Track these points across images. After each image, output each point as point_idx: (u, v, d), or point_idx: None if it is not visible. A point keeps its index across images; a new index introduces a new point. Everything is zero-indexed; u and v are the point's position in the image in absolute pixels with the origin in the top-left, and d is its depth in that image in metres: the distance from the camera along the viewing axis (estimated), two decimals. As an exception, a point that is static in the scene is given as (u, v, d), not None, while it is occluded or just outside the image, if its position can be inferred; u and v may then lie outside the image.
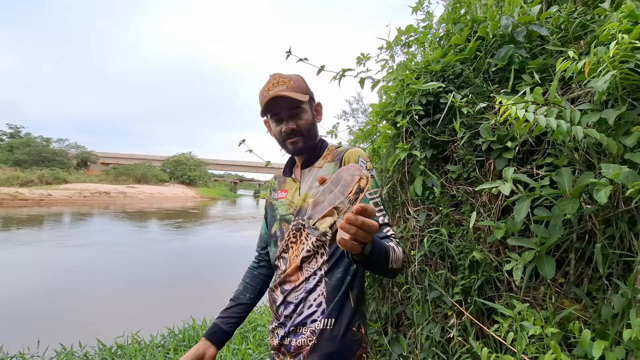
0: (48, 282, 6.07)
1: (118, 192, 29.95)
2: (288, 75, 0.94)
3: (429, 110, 1.61)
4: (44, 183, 28.34)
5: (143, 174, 39.66)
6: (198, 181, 47.37)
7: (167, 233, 12.96)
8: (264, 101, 0.90)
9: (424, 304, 1.48)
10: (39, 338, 3.05)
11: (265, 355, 2.26)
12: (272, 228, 1.02)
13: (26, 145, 35.03)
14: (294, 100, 0.88)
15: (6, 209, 18.04)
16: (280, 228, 0.99)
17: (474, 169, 1.45)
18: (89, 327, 3.93)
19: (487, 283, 1.33)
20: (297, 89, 0.91)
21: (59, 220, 15.04)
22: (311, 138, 0.95)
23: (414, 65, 1.78)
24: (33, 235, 10.75)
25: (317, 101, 1.02)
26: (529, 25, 1.56)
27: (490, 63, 1.61)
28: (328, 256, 0.87)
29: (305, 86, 0.95)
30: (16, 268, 6.88)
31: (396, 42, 2.27)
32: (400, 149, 1.51)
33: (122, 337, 2.99)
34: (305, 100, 0.91)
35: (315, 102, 1.01)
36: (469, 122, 1.50)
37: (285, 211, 0.98)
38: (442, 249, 1.44)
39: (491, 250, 1.35)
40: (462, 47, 1.73)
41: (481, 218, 1.38)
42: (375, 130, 1.93)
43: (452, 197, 1.52)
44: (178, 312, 3.66)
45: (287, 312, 0.89)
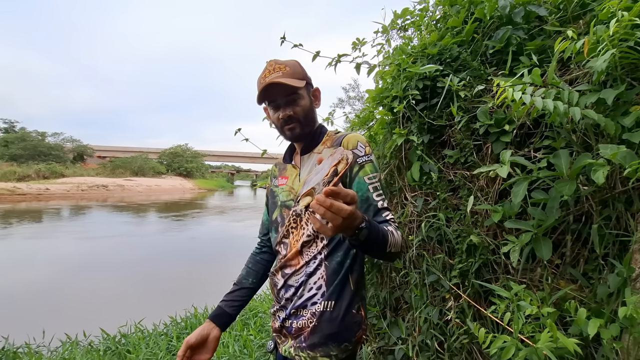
0: (57, 273, 6.11)
1: (116, 185, 29.89)
2: (284, 61, 0.93)
3: (426, 95, 1.60)
4: (41, 177, 28.23)
5: (140, 166, 39.51)
6: (195, 173, 47.25)
7: (169, 224, 13.00)
8: (260, 88, 0.90)
9: (422, 288, 1.50)
10: (44, 328, 3.09)
11: (266, 340, 2.30)
12: (273, 214, 1.03)
13: (21, 140, 34.72)
14: (289, 86, 0.87)
15: (5, 204, 18.00)
16: (281, 214, 0.99)
17: (472, 153, 1.45)
18: (92, 317, 3.98)
19: (485, 266, 1.34)
20: (293, 74, 0.91)
21: (74, 213, 15.04)
22: (309, 124, 0.95)
23: (410, 49, 1.75)
24: (53, 228, 10.79)
25: (315, 86, 1.01)
26: (527, 5, 1.53)
27: (488, 45, 1.59)
28: (328, 240, 0.88)
29: (302, 71, 0.95)
30: (26, 261, 6.91)
31: (392, 25, 2.23)
32: (397, 134, 1.50)
33: (125, 326, 3.03)
34: (302, 86, 0.91)
35: (313, 87, 1.00)
36: (466, 106, 1.49)
37: (286, 197, 0.98)
38: (440, 233, 1.45)
39: (488, 234, 1.36)
40: (459, 29, 1.70)
41: (478, 202, 1.38)
42: (371, 116, 1.92)
43: (450, 181, 1.52)
44: (180, 301, 3.70)
45: (287, 295, 0.90)
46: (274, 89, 0.89)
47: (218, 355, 2.18)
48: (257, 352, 2.14)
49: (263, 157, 2.27)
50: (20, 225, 11.46)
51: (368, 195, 0.87)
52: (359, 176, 0.88)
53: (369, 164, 0.90)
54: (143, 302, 4.79)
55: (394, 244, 0.78)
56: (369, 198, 0.87)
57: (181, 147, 48.64)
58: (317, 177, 0.60)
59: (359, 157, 0.88)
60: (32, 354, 2.69)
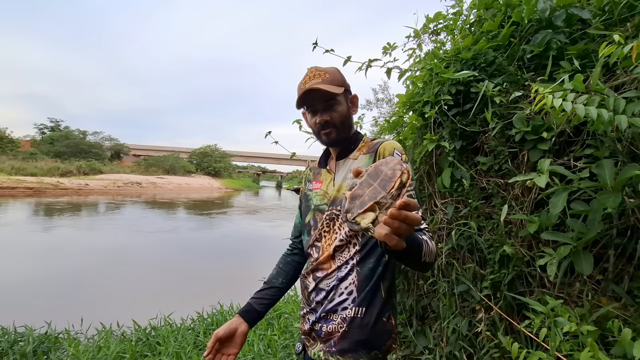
0: (96, 263, 6.49)
1: (149, 183, 31.28)
2: (324, 68, 0.96)
3: (459, 100, 1.57)
4: (81, 173, 30.06)
5: (172, 165, 41.14)
6: (223, 172, 48.58)
7: (201, 221, 13.46)
8: (300, 93, 0.93)
9: (451, 297, 1.46)
10: (82, 316, 3.29)
11: (290, 341, 2.32)
12: (306, 217, 1.04)
13: (65, 138, 37.18)
14: (327, 92, 0.90)
15: (49, 197, 19.33)
16: (314, 217, 1.01)
17: (506, 161, 1.41)
18: (125, 308, 4.19)
19: (518, 278, 1.29)
20: (332, 81, 0.93)
21: (119, 207, 15.95)
22: (345, 130, 0.97)
23: (442, 54, 1.73)
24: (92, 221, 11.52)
25: (354, 93, 1.02)
26: (569, 8, 1.47)
27: (526, 50, 1.54)
28: (360, 246, 0.89)
29: (341, 78, 0.97)
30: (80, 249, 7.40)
31: (424, 30, 2.20)
32: (428, 140, 1.48)
33: (155, 319, 3.16)
34: (340, 93, 0.92)
35: (351, 94, 1.01)
36: (501, 112, 1.44)
37: (319, 201, 1.00)
38: (471, 242, 1.41)
39: (523, 245, 1.31)
40: (494, 33, 1.66)
41: (513, 211, 1.33)
42: (401, 121, 1.90)
43: (482, 189, 1.48)
44: (207, 298, 3.82)
45: (318, 299, 0.91)
46: (312, 94, 0.91)
47: (243, 352, 2.23)
48: (281, 352, 2.17)
49: (291, 159, 2.31)
50: (63, 218, 12.26)
51: None
52: None
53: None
54: (172, 296, 4.98)
55: (429, 253, 0.77)
56: None
57: (210, 147, 50.21)
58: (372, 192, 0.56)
59: None
60: (71, 340, 2.87)
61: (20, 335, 2.94)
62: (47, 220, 11.80)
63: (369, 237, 0.89)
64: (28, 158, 30.55)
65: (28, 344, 2.76)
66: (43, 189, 21.46)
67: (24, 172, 25.18)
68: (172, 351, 2.36)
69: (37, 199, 18.21)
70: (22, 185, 20.57)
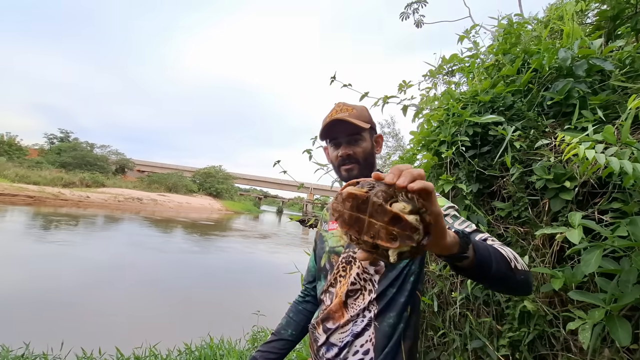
0: (86, 280, 6.28)
1: (149, 199, 31.18)
2: (352, 105, 0.94)
3: (476, 142, 1.53)
4: (84, 185, 30.09)
5: (174, 183, 41.24)
6: (225, 194, 48.50)
7: (200, 244, 13.22)
8: (325, 123, 0.90)
9: (464, 353, 1.34)
10: (63, 339, 3.10)
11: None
12: (321, 261, 0.97)
13: (73, 149, 37.64)
14: (354, 126, 0.86)
15: (48, 207, 19.22)
16: (329, 261, 0.93)
17: (526, 208, 1.34)
18: (109, 332, 3.98)
19: (540, 338, 1.18)
20: (359, 117, 0.90)
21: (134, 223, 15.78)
22: (367, 167, 0.91)
23: (459, 95, 1.72)
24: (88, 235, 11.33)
25: (379, 133, 0.99)
26: (590, 58, 1.46)
27: (545, 96, 1.52)
28: (376, 294, 0.80)
29: (368, 116, 0.94)
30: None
31: (439, 70, 2.22)
32: (445, 181, 1.43)
33: (140, 348, 2.97)
34: (366, 128, 0.90)
35: (376, 133, 0.98)
36: (520, 157, 1.40)
37: (335, 243, 0.93)
38: (487, 293, 1.31)
39: (544, 301, 1.21)
40: (513, 78, 1.65)
41: (534, 264, 1.25)
42: (414, 158, 1.86)
43: (500, 236, 1.40)
44: (196, 328, 3.62)
45: (329, 355, 0.81)
46: (337, 126, 0.88)
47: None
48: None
49: (298, 188, 2.25)
50: (57, 230, 12.09)
51: (449, 227, 0.72)
52: None
53: (438, 198, 0.78)
54: (159, 322, 4.75)
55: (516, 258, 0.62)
56: (451, 228, 0.71)
57: (214, 168, 50.52)
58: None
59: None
60: (49, 365, 2.69)
61: (-5, 355, 2.77)
62: (41, 232, 11.63)
63: (387, 285, 0.80)
64: (33, 166, 30.75)
65: (1, 366, 2.58)
66: (43, 198, 21.39)
67: (27, 180, 25.24)
68: (154, 387, 2.18)
69: (36, 207, 18.10)
70: (23, 193, 20.53)
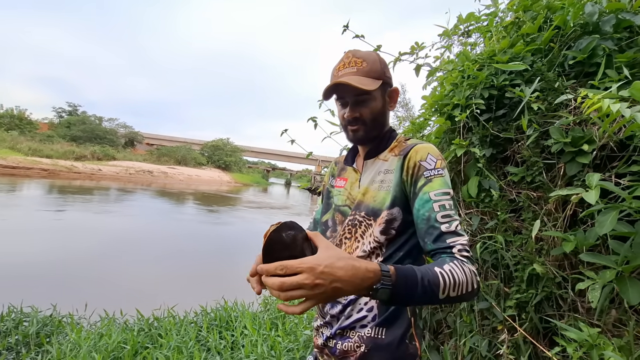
0: (108, 248, 6.56)
1: (160, 172, 31.63)
2: (363, 55, 0.84)
3: (491, 105, 1.48)
4: (95, 159, 30.55)
5: (183, 156, 41.57)
6: (233, 166, 48.83)
7: (215, 216, 13.54)
8: (328, 85, 0.82)
9: (470, 314, 1.38)
10: (87, 301, 3.28)
11: (294, 345, 2.25)
12: (325, 216, 0.96)
13: (82, 123, 37.86)
14: (359, 89, 0.79)
15: (63, 179, 19.69)
16: (332, 218, 0.92)
17: (540, 173, 1.31)
18: (130, 295, 4.20)
19: (547, 300, 1.20)
20: (369, 72, 0.82)
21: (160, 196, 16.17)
22: (376, 128, 0.86)
23: (475, 56, 1.64)
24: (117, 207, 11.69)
25: (393, 87, 0.89)
26: (619, 13, 1.36)
27: (567, 55, 1.44)
28: (384, 257, 0.80)
29: (380, 69, 0.84)
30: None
31: (454, 31, 2.11)
32: (457, 145, 1.40)
33: (159, 310, 3.13)
34: (374, 89, 0.81)
35: (391, 87, 0.88)
36: (538, 120, 1.35)
37: (342, 202, 0.91)
38: (496, 257, 1.32)
39: (554, 264, 1.22)
40: (534, 36, 1.56)
41: (545, 227, 1.24)
42: (426, 124, 1.82)
43: (511, 201, 1.39)
44: (211, 292, 3.78)
45: (333, 312, 0.83)
46: (343, 86, 0.80)
47: (246, 353, 2.18)
48: (285, 356, 2.10)
49: (305, 158, 2.24)
50: (76, 200, 12.45)
51: (430, 215, 0.73)
52: (424, 191, 0.75)
53: (438, 178, 0.76)
54: (176, 287, 4.97)
55: (454, 285, 0.63)
56: (431, 219, 0.73)
57: (222, 140, 50.51)
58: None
59: (427, 170, 0.77)
60: (74, 325, 2.86)
61: (25, 316, 2.95)
62: (60, 202, 12.00)
63: (394, 249, 0.80)
64: (45, 140, 31.19)
65: (32, 325, 2.76)
66: (57, 171, 21.87)
67: (40, 153, 25.71)
68: (173, 345, 2.31)
69: (50, 180, 18.57)
70: (38, 167, 21.00)
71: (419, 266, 0.64)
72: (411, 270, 0.61)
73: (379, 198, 0.82)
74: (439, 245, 0.71)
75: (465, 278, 0.65)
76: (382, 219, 0.80)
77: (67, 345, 2.35)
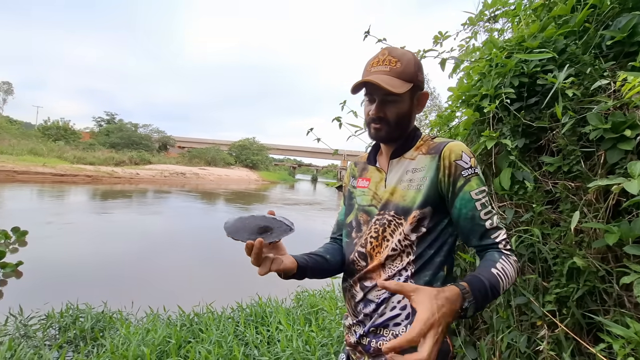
0: (149, 248, 6.98)
1: (192, 173, 32.86)
2: (398, 54, 0.83)
3: (522, 94, 1.42)
4: (132, 163, 32.28)
5: (213, 157, 42.92)
6: (260, 165, 49.78)
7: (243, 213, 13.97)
8: (359, 81, 0.81)
9: (507, 309, 1.35)
10: (133, 299, 3.53)
11: (328, 340, 2.30)
12: (348, 217, 0.96)
13: (119, 130, 40.10)
14: (387, 90, 0.78)
15: (105, 184, 21.02)
16: (356, 219, 0.92)
17: (578, 162, 1.25)
18: (172, 292, 4.45)
19: (590, 294, 1.15)
20: (401, 73, 0.81)
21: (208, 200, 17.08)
22: (399, 129, 0.86)
23: (503, 42, 1.58)
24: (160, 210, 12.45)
25: (424, 91, 0.88)
26: (663, -15, 1.26)
27: (604, 36, 1.35)
28: (415, 256, 0.81)
29: (413, 71, 0.83)
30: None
31: (479, 17, 2.04)
32: (487, 137, 1.36)
33: (198, 306, 3.30)
34: (403, 92, 0.80)
35: (421, 90, 0.88)
36: (573, 107, 1.29)
37: (367, 202, 0.91)
38: (533, 251, 1.28)
39: (596, 257, 1.16)
40: (566, 18, 1.48)
41: (585, 219, 1.19)
42: (453, 116, 1.78)
43: (547, 192, 1.34)
44: (245, 289, 3.93)
45: (367, 311, 0.84)
46: (372, 84, 0.80)
47: (282, 348, 2.25)
48: (319, 351, 2.16)
49: (332, 155, 2.25)
50: (119, 203, 13.27)
51: (474, 214, 0.77)
52: (464, 191, 0.78)
53: (475, 177, 0.79)
54: (213, 284, 5.20)
55: (508, 281, 0.72)
56: (475, 217, 0.77)
57: (249, 140, 51.59)
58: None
59: (464, 169, 0.79)
60: (123, 321, 3.08)
61: (81, 312, 3.22)
62: (105, 206, 12.84)
63: (425, 247, 0.81)
64: (87, 148, 33.39)
65: (87, 321, 3.01)
66: (100, 177, 23.33)
67: (84, 161, 27.58)
68: (215, 339, 2.44)
69: (94, 186, 19.88)
70: (82, 173, 22.52)
71: (480, 270, 0.72)
72: (478, 279, 0.70)
73: (408, 197, 0.83)
74: (486, 242, 0.78)
75: (513, 271, 0.74)
76: (413, 218, 0.81)
77: (119, 340, 2.54)
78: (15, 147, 25.92)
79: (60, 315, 3.15)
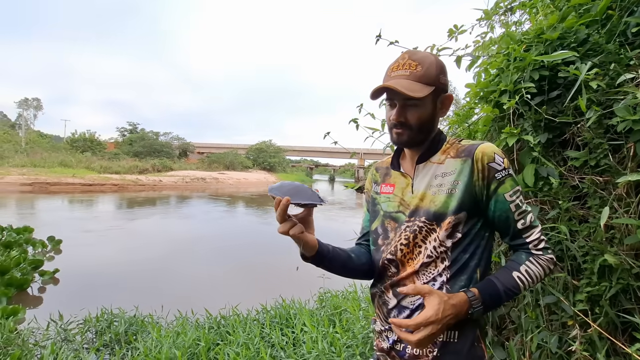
0: (174, 253, 7.22)
1: (212, 178, 33.59)
2: (420, 57, 0.82)
3: (543, 88, 1.39)
4: (155, 171, 33.34)
5: (231, 161, 43.73)
6: (277, 167, 50.28)
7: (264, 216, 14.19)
8: (378, 86, 0.81)
9: (535, 309, 1.32)
10: (162, 303, 3.67)
11: (352, 341, 2.31)
12: (373, 224, 0.95)
13: (142, 139, 41.51)
14: (407, 95, 0.77)
15: (130, 192, 21.82)
16: (382, 225, 0.91)
17: (606, 155, 1.21)
18: (198, 296, 4.58)
19: (624, 292, 1.11)
20: (422, 77, 0.80)
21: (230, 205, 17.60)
22: (422, 133, 0.84)
23: (521, 35, 1.54)
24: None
25: (447, 94, 0.86)
26: (692, -34, 1.20)
27: (629, 23, 1.30)
28: (450, 261, 0.80)
29: (435, 74, 0.81)
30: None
31: (495, 10, 1.99)
32: (508, 134, 1.34)
33: (225, 309, 3.38)
34: (424, 96, 0.78)
35: (445, 93, 0.85)
36: (598, 99, 1.24)
37: (393, 208, 0.89)
38: (561, 248, 1.25)
39: (629, 254, 1.12)
40: (587, 7, 1.43)
41: (616, 214, 1.15)
42: (472, 113, 1.75)
43: (574, 188, 1.30)
44: (269, 291, 3.99)
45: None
46: (392, 89, 0.79)
47: (307, 349, 2.28)
48: (345, 353, 2.17)
49: (352, 157, 2.27)
50: (144, 210, 13.76)
51: (508, 216, 0.79)
52: (498, 193, 0.78)
53: (509, 178, 0.80)
54: (237, 286, 5.31)
55: (532, 282, 0.77)
56: (509, 219, 0.79)
57: (265, 143, 52.21)
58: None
59: (497, 171, 0.78)
60: (154, 325, 3.20)
61: (115, 317, 3.37)
62: (132, 213, 13.35)
63: (460, 251, 0.80)
64: (113, 158, 34.79)
65: (121, 325, 3.15)
66: (125, 185, 24.24)
67: (109, 170, 28.79)
68: (242, 341, 2.50)
69: (121, 194, 20.67)
70: (109, 182, 23.49)
71: (498, 274, 0.79)
72: (492, 284, 0.76)
73: (439, 202, 0.81)
74: (517, 242, 0.82)
75: (541, 270, 0.78)
76: (448, 224, 0.80)
77: (152, 343, 2.64)
78: (46, 159, 27.41)
79: (96, 319, 3.31)
